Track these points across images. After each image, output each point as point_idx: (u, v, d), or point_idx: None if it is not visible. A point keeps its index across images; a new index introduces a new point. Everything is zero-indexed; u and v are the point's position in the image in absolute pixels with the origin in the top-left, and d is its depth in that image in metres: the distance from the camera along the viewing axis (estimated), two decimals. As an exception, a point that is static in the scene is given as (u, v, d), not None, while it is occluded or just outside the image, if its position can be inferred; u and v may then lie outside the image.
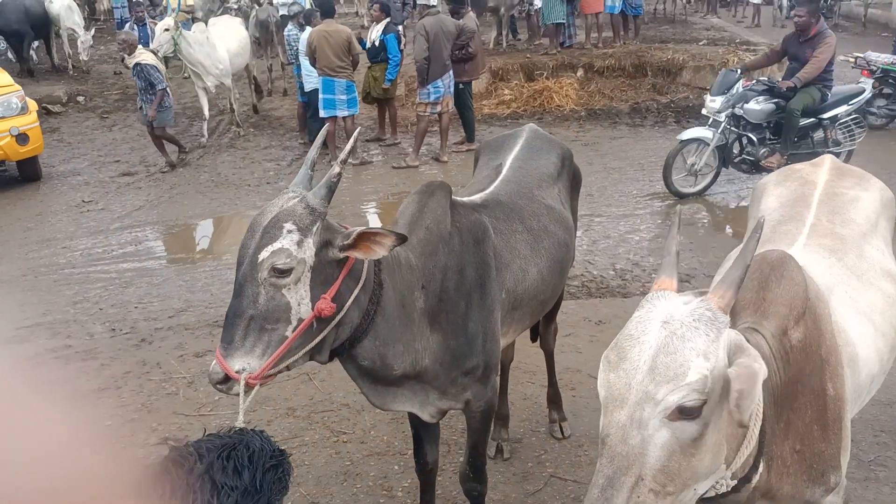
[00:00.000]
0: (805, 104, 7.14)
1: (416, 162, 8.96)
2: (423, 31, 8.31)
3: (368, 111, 10.46)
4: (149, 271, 6.26)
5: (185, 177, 8.89)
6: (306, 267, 2.10)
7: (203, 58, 9.62)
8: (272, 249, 2.07)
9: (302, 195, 2.17)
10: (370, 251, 2.14)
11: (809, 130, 7.41)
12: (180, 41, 9.24)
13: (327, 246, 2.15)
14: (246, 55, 10.87)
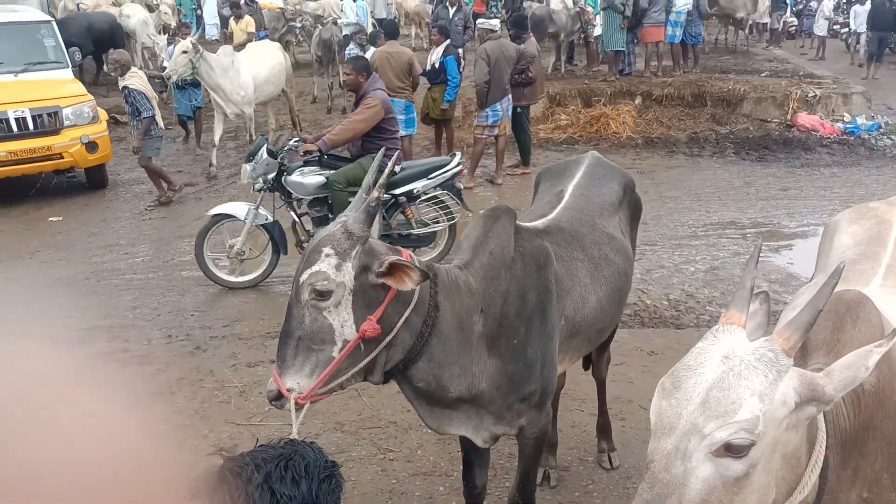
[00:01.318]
0: (355, 175, 5.86)
1: (470, 183, 8.98)
2: (484, 55, 8.38)
3: (425, 131, 10.54)
4: (205, 280, 6.38)
5: (244, 189, 9.07)
6: (346, 290, 2.16)
7: (224, 83, 9.13)
8: (311, 272, 2.15)
9: (344, 220, 2.23)
10: (402, 281, 2.17)
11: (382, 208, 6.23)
12: (200, 64, 8.74)
13: (367, 270, 2.19)
14: (278, 83, 10.22)
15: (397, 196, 6.12)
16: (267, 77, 9.85)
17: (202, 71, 8.78)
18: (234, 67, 9.23)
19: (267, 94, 10.00)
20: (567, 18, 13.78)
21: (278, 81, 10.19)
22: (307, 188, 5.99)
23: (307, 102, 13.81)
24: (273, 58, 10.17)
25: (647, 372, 4.68)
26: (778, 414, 1.53)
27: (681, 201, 8.40)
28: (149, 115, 7.92)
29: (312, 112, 13.13)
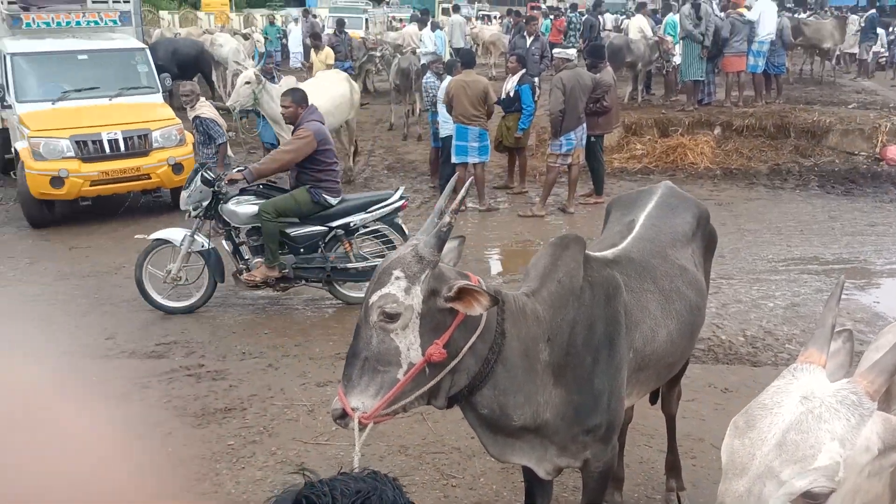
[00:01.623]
0: (285, 206, 5.92)
1: (542, 212, 8.96)
2: (560, 84, 8.38)
3: (498, 159, 10.59)
4: (279, 300, 6.55)
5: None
6: (414, 313, 2.18)
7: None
8: (380, 294, 2.18)
9: (415, 244, 2.25)
10: (471, 306, 2.17)
11: (320, 240, 6.14)
12: (261, 95, 8.76)
13: (435, 295, 2.20)
14: (340, 114, 9.95)
15: (335, 228, 6.10)
16: (328, 108, 9.40)
17: (262, 101, 8.78)
18: None
19: (328, 124, 9.79)
20: (645, 48, 13.68)
21: (340, 112, 10.00)
22: (241, 217, 5.99)
23: (384, 129, 14.11)
24: (337, 88, 9.99)
25: (721, 410, 4.54)
26: (860, 460, 1.46)
27: (760, 234, 8.15)
28: (223, 140, 8.19)
29: (389, 139, 13.38)
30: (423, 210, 9.35)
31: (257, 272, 5.98)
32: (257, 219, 5.89)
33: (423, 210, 9.35)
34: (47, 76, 9.00)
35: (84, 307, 6.39)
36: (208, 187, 5.97)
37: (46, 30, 9.48)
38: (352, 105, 10.14)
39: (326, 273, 6.11)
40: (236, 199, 6.01)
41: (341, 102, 9.89)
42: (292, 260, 6.08)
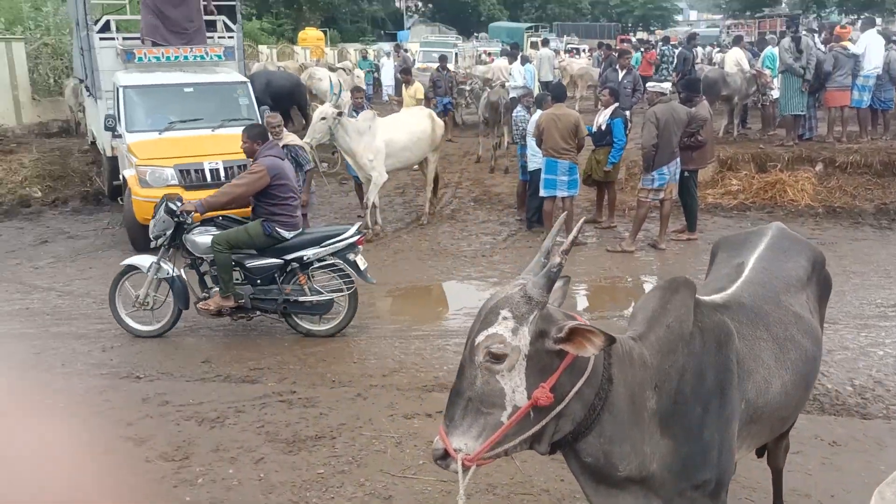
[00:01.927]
0: (237, 238, 6.06)
1: (632, 247, 8.78)
2: (653, 118, 8.25)
3: (586, 192, 10.47)
4: (368, 328, 6.62)
5: (409, 243, 9.40)
6: (521, 355, 2.13)
7: (357, 147, 9.14)
8: (487, 334, 2.14)
9: (523, 284, 2.21)
10: (583, 347, 2.11)
11: (276, 273, 6.19)
12: (336, 130, 8.86)
13: (543, 336, 2.15)
14: (419, 150, 9.85)
15: (290, 261, 6.18)
16: (406, 143, 9.62)
17: (337, 136, 8.92)
18: (371, 132, 9.22)
19: (404, 160, 9.77)
20: (742, 81, 13.33)
21: (419, 149, 9.88)
22: (199, 247, 6.16)
23: (471, 162, 14.20)
24: (418, 124, 9.89)
25: (828, 464, 4.27)
26: None
27: (867, 277, 7.73)
28: (310, 167, 8.34)
29: (476, 171, 13.45)
30: (510, 243, 9.32)
31: (212, 301, 6.17)
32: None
33: (510, 243, 9.32)
34: (155, 107, 9.48)
35: (183, 331, 6.61)
36: (171, 218, 6.15)
37: (156, 64, 10.01)
38: (433, 142, 10.03)
39: (282, 305, 6.24)
40: (199, 230, 6.22)
41: (421, 139, 9.83)
42: (250, 290, 6.22)
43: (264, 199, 6.15)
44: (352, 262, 6.24)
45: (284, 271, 6.25)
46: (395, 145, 9.46)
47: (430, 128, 9.96)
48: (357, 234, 6.29)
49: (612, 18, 64.94)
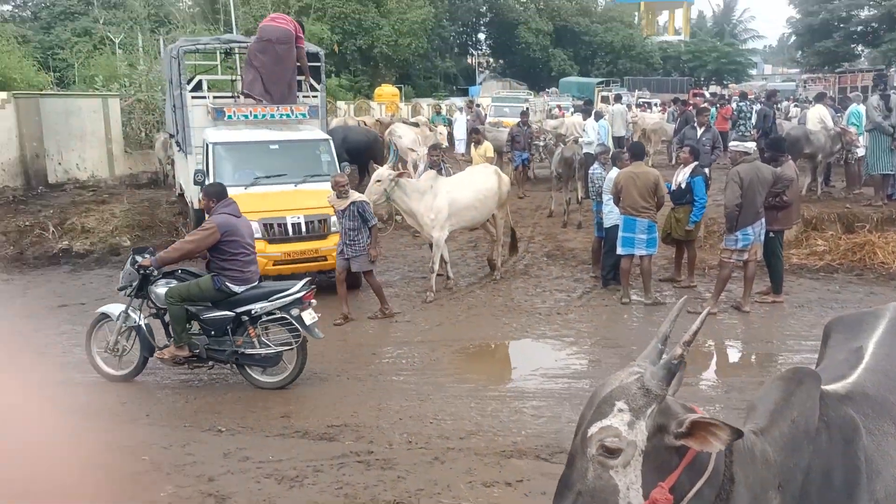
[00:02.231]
0: (188, 292, 6.36)
1: (714, 309, 8.51)
2: (737, 177, 8.08)
3: (663, 251, 10.26)
4: (442, 387, 6.57)
5: (482, 298, 9.37)
6: (637, 450, 2.04)
7: (418, 207, 9.06)
8: (601, 426, 2.06)
9: (640, 373, 2.12)
10: (706, 442, 2.00)
11: (228, 325, 6.42)
12: (393, 191, 8.85)
13: (662, 431, 2.05)
14: (485, 208, 9.67)
15: (240, 314, 6.42)
16: (470, 202, 9.45)
17: (395, 197, 8.92)
18: (432, 192, 9.13)
19: (469, 219, 9.60)
20: (826, 139, 12.99)
21: (486, 207, 9.72)
22: (160, 298, 6.51)
23: (543, 216, 14.17)
24: (484, 182, 9.75)
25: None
26: None
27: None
28: (374, 222, 8.37)
29: (548, 226, 13.41)
30: (585, 301, 9.18)
31: (167, 350, 6.51)
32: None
33: (586, 301, 9.18)
34: (242, 163, 9.84)
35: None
36: (135, 270, 6.53)
37: (244, 121, 10.41)
38: (499, 199, 9.90)
39: (234, 356, 6.48)
40: (161, 282, 6.57)
41: (487, 196, 9.70)
42: (205, 341, 6.51)
43: (216, 254, 6.44)
44: (297, 317, 6.45)
45: (236, 324, 6.49)
46: (458, 204, 9.31)
47: (497, 185, 9.86)
48: (303, 289, 6.50)
49: (684, 73, 64.59)
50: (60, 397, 6.39)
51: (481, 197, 9.63)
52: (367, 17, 41.29)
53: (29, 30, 36.61)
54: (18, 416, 3.29)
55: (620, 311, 8.69)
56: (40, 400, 6.15)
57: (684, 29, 78.70)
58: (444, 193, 9.25)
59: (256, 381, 6.60)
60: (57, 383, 6.75)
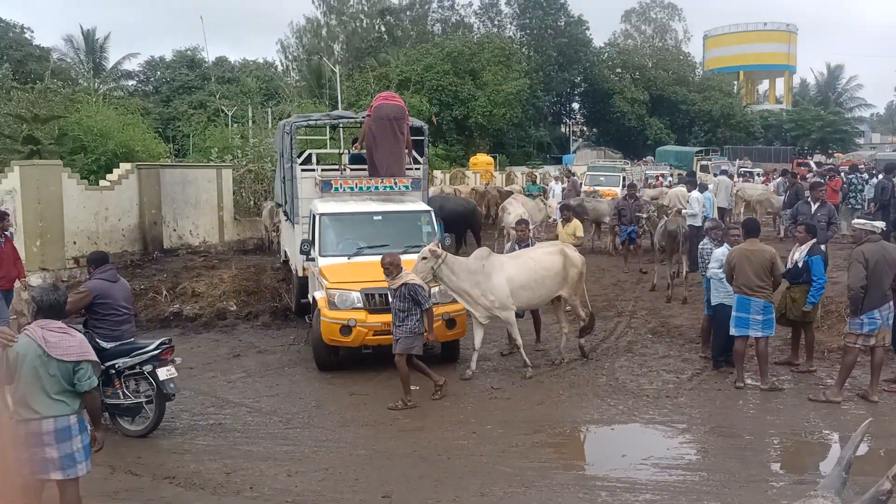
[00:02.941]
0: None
1: (838, 397, 7.93)
2: (861, 257, 7.61)
3: (779, 332, 9.70)
4: (547, 473, 6.30)
5: (584, 376, 9.07)
6: None
7: (469, 287, 8.79)
8: None
9: None
10: None
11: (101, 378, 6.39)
12: (440, 269, 8.59)
13: None
14: (543, 289, 9.23)
15: (107, 368, 6.95)
16: (525, 282, 9.06)
17: (443, 276, 8.67)
18: (485, 271, 8.86)
19: (524, 300, 9.19)
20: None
21: (544, 287, 9.22)
22: None
23: (645, 290, 13.76)
24: (543, 261, 9.28)
25: None
26: None
27: None
28: (428, 305, 8.04)
29: (651, 300, 12.99)
30: (695, 383, 8.74)
31: None
32: None
33: (697, 384, 8.74)
34: (347, 234, 10.05)
35: (362, 458, 6.64)
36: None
37: (349, 193, 10.68)
38: (564, 279, 9.33)
39: (104, 407, 6.72)
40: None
41: (546, 277, 9.21)
42: None
43: (90, 314, 7.20)
44: (151, 372, 7.09)
45: (106, 377, 7.00)
46: (513, 283, 8.98)
47: (561, 265, 9.30)
48: (160, 348, 7.15)
49: (786, 142, 62.82)
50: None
51: (537, 277, 9.16)
52: (464, 89, 42.38)
53: (151, 103, 39.41)
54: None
55: (735, 397, 8.21)
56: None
57: (786, 97, 77.00)
58: (499, 271, 8.95)
59: (125, 430, 7.27)
60: (161, 451, 6.88)
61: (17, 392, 4.54)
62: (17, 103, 17.41)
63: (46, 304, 4.71)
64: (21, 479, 4.48)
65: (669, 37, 72.76)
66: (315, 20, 54.57)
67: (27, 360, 4.51)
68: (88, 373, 4.66)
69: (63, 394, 4.60)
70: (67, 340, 4.66)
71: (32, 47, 41.82)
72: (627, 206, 15.29)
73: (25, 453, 4.54)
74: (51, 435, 4.55)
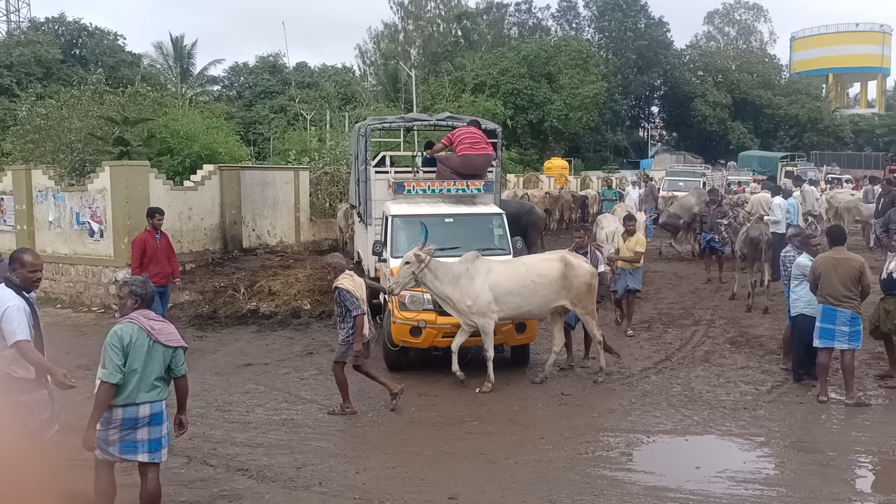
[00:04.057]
0: None
1: (934, 417, 7.49)
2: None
3: (868, 345, 9.23)
4: (617, 483, 6.15)
5: (658, 385, 8.85)
6: None
7: (452, 292, 8.55)
8: None
9: None
10: None
11: None
12: (424, 275, 8.43)
13: None
14: (534, 297, 8.70)
15: None
16: (512, 288, 8.62)
17: (426, 281, 8.51)
18: (468, 275, 8.58)
19: (514, 307, 8.67)
20: None
21: (536, 295, 8.69)
22: None
23: (724, 298, 13.34)
24: (537, 268, 8.80)
25: None
26: None
27: None
28: (358, 312, 7.61)
29: (730, 309, 12.59)
30: (775, 396, 8.41)
31: None
32: None
33: (777, 396, 8.41)
34: (418, 235, 10.05)
35: (429, 459, 6.64)
36: None
37: (422, 195, 10.72)
38: (562, 289, 8.71)
39: None
40: None
41: (538, 283, 8.68)
42: None
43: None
44: None
45: None
46: (499, 289, 8.58)
47: (558, 273, 8.71)
48: None
49: (878, 147, 59.91)
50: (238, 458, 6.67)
51: (528, 283, 8.65)
52: (540, 92, 42.17)
53: (234, 107, 40.70)
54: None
55: (817, 411, 7.85)
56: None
57: (878, 101, 73.56)
58: (483, 276, 8.60)
59: None
60: (235, 444, 7.06)
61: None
62: (109, 107, 18.21)
63: (150, 297, 5.04)
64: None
65: (754, 39, 70.42)
66: (393, 25, 55.33)
67: (137, 346, 4.81)
68: (183, 358, 5.03)
69: (159, 380, 4.92)
70: (167, 328, 5.03)
71: (125, 54, 43.82)
72: (709, 212, 14.78)
73: (115, 435, 4.82)
74: (146, 419, 4.85)
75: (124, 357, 4.73)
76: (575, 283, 8.77)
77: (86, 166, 16.45)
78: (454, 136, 10.82)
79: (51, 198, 14.81)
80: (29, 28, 44.65)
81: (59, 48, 39.23)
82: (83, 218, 14.31)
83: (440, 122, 12.44)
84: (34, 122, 18.51)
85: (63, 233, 14.68)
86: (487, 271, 8.68)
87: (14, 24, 50.01)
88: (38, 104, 20.18)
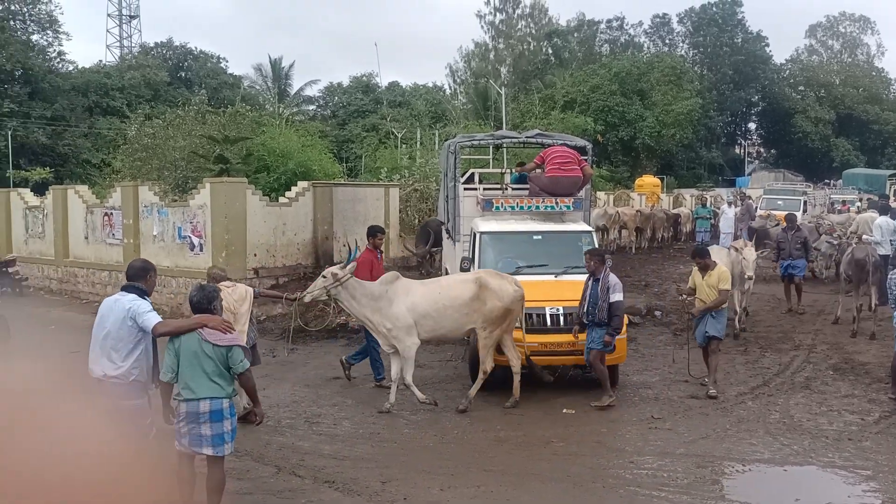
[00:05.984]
0: None
1: None
2: None
3: None
4: (710, 511, 5.92)
5: (755, 411, 8.48)
6: None
7: (370, 314, 8.35)
8: None
9: None
10: None
11: None
12: (339, 292, 8.24)
13: None
14: (448, 321, 8.48)
15: None
16: (426, 311, 8.40)
17: (341, 299, 8.36)
18: (387, 297, 8.37)
19: (428, 329, 8.47)
20: None
21: (449, 319, 8.48)
22: None
23: (827, 322, 12.69)
24: (451, 290, 8.63)
25: None
26: None
27: None
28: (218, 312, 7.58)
29: (833, 334, 11.97)
30: (883, 427, 7.92)
31: None
32: None
33: (885, 427, 7.91)
34: (506, 252, 10.07)
35: (515, 479, 6.57)
36: None
37: (510, 212, 10.70)
38: (475, 312, 8.40)
39: None
40: None
41: (450, 307, 8.46)
42: None
43: None
44: None
45: None
46: (416, 311, 8.39)
47: (471, 295, 8.40)
48: None
49: None
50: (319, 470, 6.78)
51: (439, 307, 8.44)
52: (631, 109, 41.51)
53: (328, 126, 41.93)
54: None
55: None
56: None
57: None
58: (403, 297, 8.36)
59: None
60: (323, 455, 7.19)
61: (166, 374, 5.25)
62: (211, 126, 19.05)
63: (199, 302, 5.44)
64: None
65: (860, 51, 67.17)
66: (483, 44, 55.73)
67: (186, 345, 5.19)
68: (240, 356, 5.26)
69: (219, 377, 5.22)
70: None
71: (227, 75, 45.94)
72: (786, 238, 13.97)
73: (185, 428, 5.19)
74: (206, 415, 5.17)
75: (176, 358, 5.18)
76: (489, 305, 8.39)
77: (188, 183, 17.23)
78: (546, 155, 10.82)
79: (155, 213, 15.61)
80: (139, 53, 47.47)
81: (166, 71, 41.50)
82: (184, 232, 15.01)
83: (529, 139, 12.41)
84: (142, 142, 19.55)
85: (166, 246, 15.42)
86: (407, 292, 8.50)
87: (126, 49, 53.30)
88: (146, 124, 21.30)
